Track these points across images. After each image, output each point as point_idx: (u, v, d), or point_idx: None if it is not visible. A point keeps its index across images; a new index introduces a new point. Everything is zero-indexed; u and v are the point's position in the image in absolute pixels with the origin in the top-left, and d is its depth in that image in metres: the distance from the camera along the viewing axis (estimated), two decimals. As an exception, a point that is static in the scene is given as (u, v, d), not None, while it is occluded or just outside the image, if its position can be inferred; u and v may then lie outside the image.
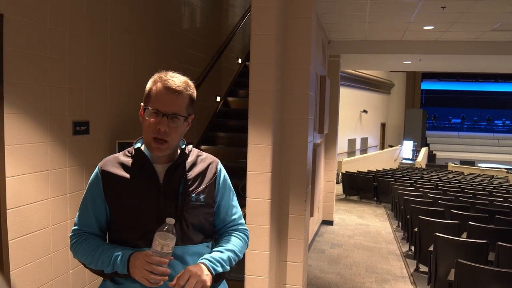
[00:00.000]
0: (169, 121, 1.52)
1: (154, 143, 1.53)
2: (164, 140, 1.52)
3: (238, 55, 7.97)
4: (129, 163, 1.61)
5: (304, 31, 3.91)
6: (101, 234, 1.64)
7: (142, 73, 4.72)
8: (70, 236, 1.62)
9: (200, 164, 1.69)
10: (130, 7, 4.44)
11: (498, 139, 35.41)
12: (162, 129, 1.50)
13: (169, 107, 1.52)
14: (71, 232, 1.62)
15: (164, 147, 1.54)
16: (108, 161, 1.64)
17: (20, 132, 3.08)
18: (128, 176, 1.58)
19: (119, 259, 1.48)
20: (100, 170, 1.61)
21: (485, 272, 3.42)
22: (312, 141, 4.45)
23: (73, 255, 1.63)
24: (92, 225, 1.61)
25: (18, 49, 3.03)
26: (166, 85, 1.53)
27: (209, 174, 1.68)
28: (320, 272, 5.44)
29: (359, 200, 11.44)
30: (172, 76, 1.58)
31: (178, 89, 1.53)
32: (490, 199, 7.81)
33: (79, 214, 1.63)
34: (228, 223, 1.74)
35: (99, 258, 1.52)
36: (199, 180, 1.64)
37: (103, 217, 1.61)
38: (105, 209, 1.59)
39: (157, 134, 1.51)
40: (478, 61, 9.66)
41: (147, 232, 1.51)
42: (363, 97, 20.82)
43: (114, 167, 1.60)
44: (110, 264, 1.49)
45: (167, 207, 1.55)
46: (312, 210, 5.19)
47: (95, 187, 1.60)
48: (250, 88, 3.68)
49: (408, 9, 6.08)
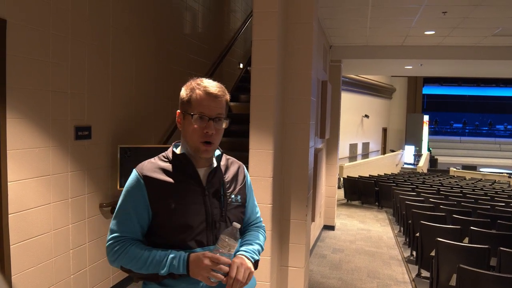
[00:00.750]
0: (215, 124, 1.61)
1: (203, 146, 1.61)
2: (211, 143, 1.62)
3: (239, 60, 7.99)
4: (170, 168, 1.65)
5: (305, 36, 3.92)
6: (143, 240, 1.66)
7: (144, 78, 4.74)
8: (110, 244, 1.61)
9: (231, 167, 1.81)
10: (132, 12, 4.46)
11: (500, 144, 35.36)
12: (210, 132, 1.59)
13: (213, 111, 1.61)
14: (109, 240, 1.61)
15: (211, 149, 1.64)
16: (146, 167, 1.65)
17: (22, 137, 3.09)
18: (172, 181, 1.62)
19: (177, 259, 1.53)
20: (142, 176, 1.62)
21: (487, 277, 3.41)
22: (314, 146, 4.46)
23: (111, 262, 1.62)
24: (135, 231, 1.62)
25: (20, 54, 3.05)
26: (207, 91, 1.62)
27: (240, 176, 1.82)
28: (321, 277, 5.43)
29: (360, 205, 11.42)
30: (209, 82, 1.67)
31: (219, 93, 1.64)
32: (492, 204, 7.79)
33: (119, 221, 1.63)
34: (253, 220, 1.90)
35: (152, 262, 1.54)
36: (234, 182, 1.77)
37: (146, 223, 1.63)
38: (148, 214, 1.61)
39: (205, 137, 1.60)
40: (480, 66, 9.67)
41: (197, 233, 1.60)
42: (365, 102, 20.81)
43: (156, 173, 1.63)
44: (166, 265, 1.52)
45: (213, 208, 1.64)
46: (313, 215, 5.18)
47: (137, 193, 1.61)
48: (252, 93, 3.69)
49: (409, 14, 6.10)
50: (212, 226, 1.63)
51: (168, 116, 5.27)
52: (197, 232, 1.60)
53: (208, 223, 1.62)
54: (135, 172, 1.64)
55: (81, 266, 3.80)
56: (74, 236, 3.69)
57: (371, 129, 22.48)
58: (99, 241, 4.04)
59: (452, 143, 35.89)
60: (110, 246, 1.61)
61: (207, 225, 1.61)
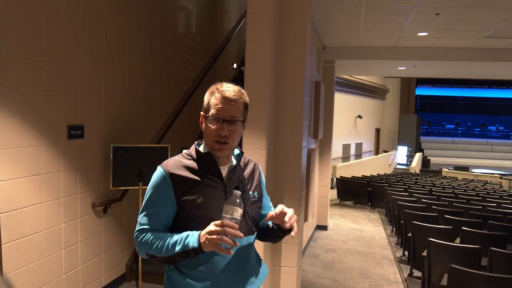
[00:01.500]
0: (229, 126, 1.71)
1: (217, 145, 1.72)
2: (225, 142, 1.72)
3: (233, 60, 7.99)
4: (194, 166, 1.76)
5: (299, 37, 3.93)
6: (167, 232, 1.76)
7: (137, 77, 4.73)
8: (136, 236, 1.72)
9: (249, 165, 1.94)
10: (126, 11, 4.45)
11: (492, 145, 35.61)
12: (223, 133, 1.69)
13: (227, 114, 1.71)
14: (136, 232, 1.72)
15: (226, 148, 1.73)
16: (172, 164, 1.75)
17: (14, 136, 3.07)
18: (197, 178, 1.73)
19: (190, 236, 1.61)
20: (168, 173, 1.71)
21: (478, 277, 3.44)
22: (307, 146, 4.47)
23: (139, 252, 1.73)
24: (160, 224, 1.73)
25: (13, 53, 3.03)
26: (223, 95, 1.72)
27: (256, 174, 1.95)
28: (314, 277, 5.44)
29: (353, 205, 11.45)
30: (227, 86, 1.76)
31: (234, 97, 1.73)
32: (483, 205, 7.84)
33: (146, 214, 1.73)
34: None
35: (170, 243, 1.63)
36: (252, 179, 1.90)
37: (171, 217, 1.73)
38: (173, 209, 1.71)
39: (219, 138, 1.70)
40: (472, 67, 9.73)
41: None
42: (358, 103, 20.88)
43: (182, 170, 1.74)
44: (181, 242, 1.61)
45: None
46: (306, 215, 5.19)
47: (164, 189, 1.71)
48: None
49: (402, 15, 6.13)
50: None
51: (161, 115, 5.26)
52: None
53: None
54: (161, 169, 1.74)
55: (73, 266, 3.79)
56: (66, 235, 3.68)
57: (364, 129, 22.56)
58: (91, 240, 4.03)
59: (445, 143, 36.10)
60: (137, 238, 1.72)
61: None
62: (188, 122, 5.73)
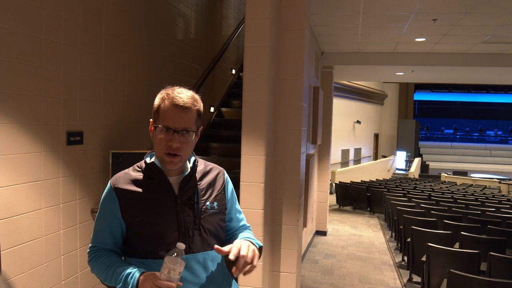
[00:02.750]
0: (180, 137, 1.56)
1: (167, 158, 1.58)
2: (177, 155, 1.58)
3: (232, 66, 8.01)
4: (141, 178, 1.66)
5: (297, 43, 3.96)
6: (117, 250, 1.69)
7: (136, 83, 4.74)
8: (88, 253, 1.69)
9: (210, 174, 1.77)
10: (125, 18, 4.47)
11: (491, 150, 35.65)
12: (174, 145, 1.56)
13: (179, 124, 1.56)
14: (88, 248, 1.69)
15: (177, 160, 1.60)
16: (119, 178, 1.67)
17: (13, 142, 3.08)
18: (142, 191, 1.62)
19: (130, 277, 1.51)
20: (114, 188, 1.64)
21: (477, 282, 3.44)
22: (305, 151, 4.48)
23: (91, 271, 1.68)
24: (107, 242, 1.65)
25: (12, 59, 3.04)
26: (174, 103, 1.57)
27: (219, 183, 1.77)
28: (313, 282, 5.44)
29: (352, 210, 11.46)
30: (179, 92, 1.61)
31: (186, 105, 1.57)
32: (482, 209, 7.86)
33: (95, 231, 1.69)
34: (238, 227, 1.85)
35: (113, 276, 1.57)
36: (210, 189, 1.73)
37: (119, 233, 1.65)
38: (120, 225, 1.63)
39: (169, 150, 1.57)
40: (470, 72, 9.77)
41: (169, 242, 1.57)
42: (356, 108, 20.93)
43: (127, 184, 1.64)
44: (122, 281, 1.52)
45: (185, 216, 1.62)
46: (305, 220, 5.20)
47: (110, 205, 1.63)
48: (244, 99, 3.71)
49: (400, 21, 6.16)
50: (185, 235, 1.61)
51: (160, 121, 5.27)
52: (169, 241, 1.57)
53: (180, 232, 1.60)
54: (109, 184, 1.68)
55: (72, 272, 3.78)
56: (65, 241, 3.68)
57: (363, 134, 22.59)
58: (91, 247, 4.03)
59: (443, 148, 36.12)
60: (88, 255, 1.70)
61: (180, 234, 1.59)
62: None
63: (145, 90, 4.94)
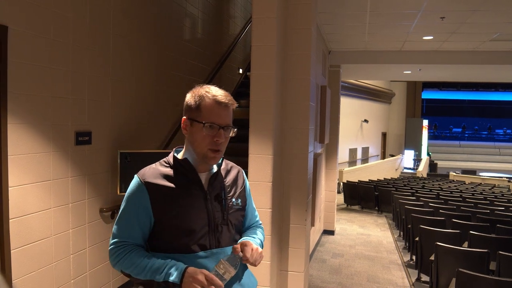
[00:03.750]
0: (224, 133, 1.64)
1: (211, 153, 1.64)
2: (219, 150, 1.65)
3: (239, 66, 8.02)
4: (171, 173, 1.67)
5: (304, 42, 3.95)
6: (144, 245, 1.69)
7: (144, 83, 4.76)
8: (112, 248, 1.66)
9: (232, 172, 1.85)
10: (132, 19, 4.49)
11: (499, 148, 35.39)
12: (220, 140, 1.63)
13: (223, 120, 1.63)
14: (111, 244, 1.66)
15: (219, 156, 1.68)
16: (148, 173, 1.68)
17: (23, 142, 3.11)
18: (174, 186, 1.65)
19: (174, 268, 1.54)
20: (144, 182, 1.64)
21: (486, 281, 3.42)
22: (313, 151, 4.47)
23: (112, 265, 1.67)
24: (136, 236, 1.65)
25: (22, 60, 3.07)
26: (217, 100, 1.63)
27: (240, 181, 1.86)
28: (321, 282, 5.43)
29: (360, 209, 11.42)
30: (216, 90, 1.67)
31: (228, 103, 1.65)
32: (491, 208, 7.79)
33: (120, 226, 1.67)
34: (253, 223, 1.95)
35: (150, 268, 1.57)
36: (234, 186, 1.81)
37: (147, 228, 1.66)
38: (150, 220, 1.64)
39: (214, 145, 1.63)
40: (478, 70, 9.71)
41: (200, 237, 1.63)
42: (364, 107, 20.85)
43: (158, 179, 1.65)
44: (163, 272, 1.54)
45: (215, 212, 1.68)
46: (313, 219, 5.19)
47: (140, 199, 1.63)
48: (251, 98, 3.71)
49: (408, 19, 6.13)
50: (214, 230, 1.66)
51: (168, 121, 5.29)
52: (199, 235, 1.63)
53: (210, 227, 1.65)
54: (137, 178, 1.67)
55: (81, 271, 3.81)
56: (74, 241, 3.70)
57: (371, 133, 22.51)
58: (99, 246, 4.05)
59: (452, 147, 35.91)
60: (112, 250, 1.65)
61: (210, 228, 1.65)
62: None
63: (152, 90, 4.96)
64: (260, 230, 1.95)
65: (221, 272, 1.52)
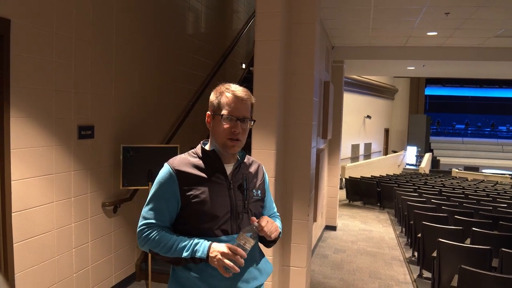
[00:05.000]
0: (241, 124, 1.80)
1: (230, 142, 1.80)
2: (237, 139, 1.80)
3: (242, 61, 8.00)
4: (199, 163, 1.83)
5: (307, 37, 3.93)
6: (170, 228, 1.84)
7: (147, 77, 4.75)
8: (142, 229, 1.78)
9: (253, 165, 2.01)
10: (135, 12, 4.47)
11: (502, 145, 35.27)
12: (237, 131, 1.78)
13: (240, 113, 1.80)
14: (141, 225, 1.78)
15: (238, 145, 1.82)
16: (179, 161, 1.83)
17: (25, 136, 3.11)
18: (203, 175, 1.81)
19: (200, 245, 1.71)
20: (175, 170, 1.79)
21: (488, 278, 3.41)
22: (316, 146, 4.46)
23: (141, 246, 1.80)
24: (164, 219, 1.80)
25: (24, 54, 3.06)
26: (235, 95, 1.81)
27: (260, 174, 2.02)
28: (323, 277, 5.43)
29: (362, 205, 11.41)
30: (236, 87, 1.85)
31: (245, 97, 1.82)
32: (494, 205, 7.77)
33: (150, 209, 1.80)
34: (271, 213, 2.11)
35: (178, 246, 1.72)
36: (255, 179, 1.97)
37: (175, 212, 1.80)
38: (177, 205, 1.79)
39: (232, 135, 1.79)
40: (482, 67, 9.65)
41: (223, 222, 1.79)
42: (367, 103, 20.79)
43: (188, 167, 1.81)
44: (190, 248, 1.71)
45: (237, 200, 1.84)
46: (315, 215, 5.19)
47: (170, 185, 1.78)
48: (254, 94, 3.69)
49: (412, 15, 6.10)
50: (235, 217, 1.82)
51: (171, 115, 5.28)
52: (222, 221, 1.78)
53: (232, 214, 1.81)
54: (167, 166, 1.82)
55: (83, 265, 3.82)
56: (76, 235, 3.71)
57: (373, 129, 22.46)
58: (102, 240, 4.06)
59: (455, 144, 35.80)
60: (141, 231, 1.79)
61: (232, 215, 1.81)
62: (197, 122, 5.74)
63: (155, 84, 4.95)
64: (278, 219, 2.12)
65: (242, 243, 1.66)
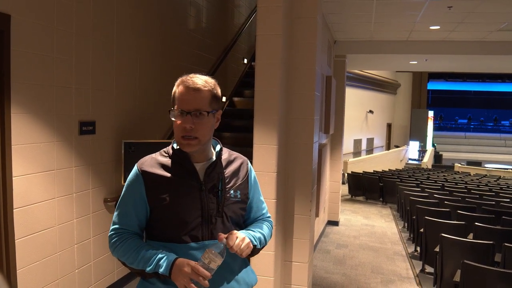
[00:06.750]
0: (193, 118, 1.58)
1: (183, 140, 1.60)
2: (193, 137, 1.59)
3: (244, 55, 7.98)
4: (168, 163, 1.67)
5: (309, 31, 3.91)
6: (141, 233, 1.70)
7: (148, 73, 4.74)
8: (110, 235, 1.67)
9: (234, 163, 1.79)
10: (136, 7, 4.45)
11: (505, 140, 35.20)
12: (188, 126, 1.57)
13: (191, 105, 1.59)
14: (110, 231, 1.67)
15: (194, 143, 1.60)
16: (146, 161, 1.69)
17: (27, 132, 3.10)
18: (169, 176, 1.64)
19: (163, 260, 1.54)
20: (141, 171, 1.65)
21: (491, 273, 3.40)
22: (318, 141, 4.45)
23: (111, 252, 1.68)
24: (133, 224, 1.66)
25: (25, 50, 3.05)
26: (185, 85, 1.60)
27: (242, 172, 1.79)
28: (325, 272, 5.43)
29: (364, 200, 11.41)
30: (192, 76, 1.64)
31: (197, 86, 1.60)
32: (496, 200, 7.76)
33: (119, 213, 1.68)
34: (258, 216, 1.87)
35: (142, 258, 1.57)
36: (235, 178, 1.75)
37: (143, 217, 1.66)
38: (145, 208, 1.65)
39: (184, 132, 1.58)
40: (485, 61, 9.60)
41: (193, 228, 1.61)
42: (369, 97, 20.76)
43: (155, 168, 1.66)
44: (153, 263, 1.54)
45: (209, 203, 1.65)
46: (317, 210, 5.18)
47: (136, 188, 1.65)
48: (256, 88, 3.68)
49: (414, 9, 6.06)
50: (208, 221, 1.64)
51: (172, 111, 5.27)
52: (192, 226, 1.61)
53: (203, 218, 1.63)
54: (136, 166, 1.69)
55: (85, 261, 3.82)
56: (78, 230, 3.71)
57: (376, 124, 22.44)
58: (104, 235, 4.06)
59: (457, 138, 35.75)
60: (110, 237, 1.67)
61: (203, 220, 1.63)
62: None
63: (157, 79, 4.94)
64: (267, 224, 1.88)
65: (206, 262, 1.48)
